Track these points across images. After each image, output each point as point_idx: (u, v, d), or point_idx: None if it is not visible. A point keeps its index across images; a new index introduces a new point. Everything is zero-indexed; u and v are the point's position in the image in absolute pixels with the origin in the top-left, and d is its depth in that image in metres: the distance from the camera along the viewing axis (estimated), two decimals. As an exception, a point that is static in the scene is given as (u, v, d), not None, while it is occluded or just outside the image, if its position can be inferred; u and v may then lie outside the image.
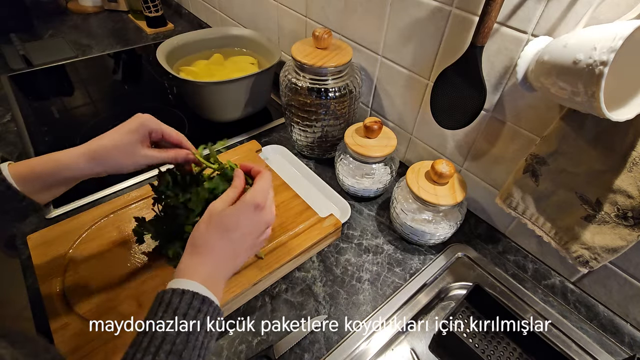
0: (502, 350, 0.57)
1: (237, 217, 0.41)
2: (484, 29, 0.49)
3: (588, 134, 0.46)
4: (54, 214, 0.69)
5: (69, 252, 0.60)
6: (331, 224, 0.65)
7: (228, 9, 1.19)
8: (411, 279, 0.63)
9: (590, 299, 0.60)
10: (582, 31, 0.39)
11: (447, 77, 0.57)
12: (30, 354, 0.31)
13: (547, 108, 0.52)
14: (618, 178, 0.45)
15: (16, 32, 1.25)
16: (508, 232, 0.68)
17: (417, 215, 0.64)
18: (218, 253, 0.40)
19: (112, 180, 0.77)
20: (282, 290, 0.61)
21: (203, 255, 0.40)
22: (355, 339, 0.55)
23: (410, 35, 0.65)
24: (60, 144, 0.86)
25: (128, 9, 1.48)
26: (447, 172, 0.59)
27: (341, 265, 0.65)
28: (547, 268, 0.63)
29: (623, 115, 0.38)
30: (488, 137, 0.62)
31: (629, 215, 0.46)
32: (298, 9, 0.87)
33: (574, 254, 0.53)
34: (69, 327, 0.51)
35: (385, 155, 0.69)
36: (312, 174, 0.80)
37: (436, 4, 0.58)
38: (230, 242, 0.41)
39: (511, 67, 0.54)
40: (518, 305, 0.61)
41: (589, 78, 0.36)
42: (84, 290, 0.55)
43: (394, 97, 0.76)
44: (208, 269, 0.39)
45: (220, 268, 0.41)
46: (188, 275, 0.38)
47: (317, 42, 0.71)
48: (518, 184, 0.55)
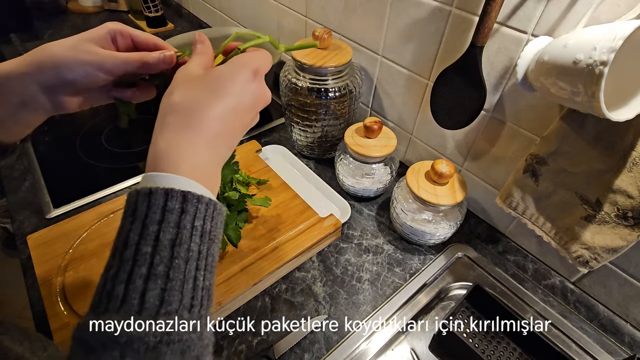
0: (502, 350, 0.57)
1: (233, 79, 0.32)
2: (484, 29, 0.49)
3: (588, 134, 0.46)
4: (54, 214, 0.69)
5: (69, 252, 0.60)
6: (331, 224, 0.65)
7: (228, 9, 1.19)
8: (411, 279, 0.63)
9: (590, 299, 0.60)
10: (582, 31, 0.39)
11: (447, 77, 0.57)
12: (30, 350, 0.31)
13: (547, 108, 0.52)
14: (618, 178, 0.45)
15: (16, 32, 1.25)
16: (508, 232, 0.68)
17: (417, 215, 0.64)
18: (212, 125, 0.30)
19: (112, 181, 0.77)
20: (282, 290, 0.61)
21: (191, 128, 0.29)
22: (355, 339, 0.55)
23: (410, 35, 0.65)
24: (60, 143, 0.87)
25: (128, 9, 1.48)
26: (447, 172, 0.59)
27: (341, 265, 0.65)
28: (547, 268, 0.63)
29: (623, 115, 0.38)
30: (488, 137, 0.62)
31: (629, 215, 0.46)
32: (298, 9, 0.87)
33: (574, 254, 0.53)
34: (69, 327, 0.51)
35: (385, 155, 0.69)
36: (312, 174, 0.80)
37: (436, 4, 0.58)
38: (228, 112, 0.31)
39: (511, 67, 0.54)
40: (518, 305, 0.61)
41: (589, 78, 0.36)
42: (84, 290, 0.55)
43: (394, 97, 0.76)
44: (200, 150, 0.30)
45: (216, 147, 0.31)
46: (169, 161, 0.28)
47: (317, 42, 0.71)
48: (518, 184, 0.55)
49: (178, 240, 0.26)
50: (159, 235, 0.26)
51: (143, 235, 0.26)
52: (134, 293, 0.25)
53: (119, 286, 0.25)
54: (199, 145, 0.29)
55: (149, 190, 0.27)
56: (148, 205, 0.26)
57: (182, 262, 0.26)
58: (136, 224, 0.26)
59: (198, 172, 0.29)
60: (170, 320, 0.25)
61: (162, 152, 0.29)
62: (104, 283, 0.26)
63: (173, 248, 0.26)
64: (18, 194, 0.73)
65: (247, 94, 0.33)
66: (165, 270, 0.26)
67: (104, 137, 0.89)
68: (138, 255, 0.25)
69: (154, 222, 0.26)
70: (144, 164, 0.90)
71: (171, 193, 0.27)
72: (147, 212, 0.26)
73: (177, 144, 0.29)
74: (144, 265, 0.25)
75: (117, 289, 0.25)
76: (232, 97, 0.31)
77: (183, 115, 0.30)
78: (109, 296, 0.25)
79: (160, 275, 0.25)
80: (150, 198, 0.27)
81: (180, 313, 0.25)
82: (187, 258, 0.27)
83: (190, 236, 0.27)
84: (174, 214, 0.27)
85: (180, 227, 0.27)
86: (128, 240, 0.26)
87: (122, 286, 0.25)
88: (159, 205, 0.26)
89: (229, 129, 0.31)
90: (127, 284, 0.25)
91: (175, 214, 0.27)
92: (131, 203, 0.27)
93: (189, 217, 0.27)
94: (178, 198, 0.27)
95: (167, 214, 0.26)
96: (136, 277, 0.25)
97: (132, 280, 0.25)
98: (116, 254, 0.26)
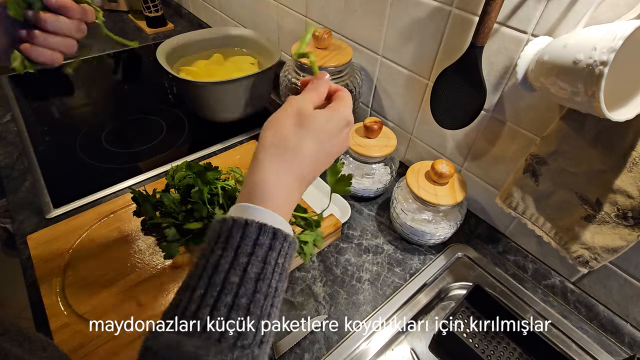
0: (502, 350, 0.57)
1: (333, 126, 0.34)
2: (484, 29, 0.49)
3: (588, 134, 0.46)
4: (54, 214, 0.69)
5: (69, 252, 0.60)
6: (331, 224, 0.65)
7: (228, 9, 1.19)
8: (411, 279, 0.63)
9: (590, 299, 0.60)
10: (582, 31, 0.39)
11: (447, 77, 0.57)
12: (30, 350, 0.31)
13: (547, 108, 0.52)
14: (618, 178, 0.45)
15: (16, 32, 1.25)
16: (508, 232, 0.68)
17: (417, 215, 0.64)
18: (306, 166, 0.32)
19: (112, 181, 0.77)
20: (282, 290, 0.61)
21: (289, 164, 0.31)
22: (355, 339, 0.55)
23: (410, 35, 0.65)
24: (60, 144, 0.87)
25: (128, 9, 1.48)
26: (447, 172, 0.59)
27: (341, 265, 0.65)
28: (547, 268, 0.63)
29: (623, 115, 0.38)
30: (488, 137, 0.62)
31: (629, 215, 0.46)
32: (298, 9, 0.87)
33: (574, 254, 0.53)
34: (69, 327, 0.51)
35: (385, 155, 0.69)
36: (312, 174, 0.80)
37: (436, 4, 0.58)
38: (321, 152, 0.33)
39: (511, 67, 0.54)
40: (518, 305, 0.61)
41: (589, 78, 0.36)
42: (84, 290, 0.55)
43: (394, 97, 0.75)
44: (293, 187, 0.32)
45: (301, 186, 0.33)
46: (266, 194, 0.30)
47: (317, 42, 0.71)
48: (518, 184, 0.55)
49: (262, 275, 0.28)
50: (247, 267, 0.27)
51: (233, 265, 0.27)
52: (217, 320, 0.25)
53: (204, 309, 0.26)
54: (289, 180, 0.32)
55: (244, 222, 0.28)
56: (242, 236, 0.28)
57: (262, 297, 0.27)
58: (228, 252, 0.27)
59: (285, 209, 0.31)
60: (244, 355, 0.26)
61: (261, 184, 0.31)
62: (188, 300, 0.26)
63: (257, 282, 0.27)
64: (18, 194, 0.73)
65: (339, 138, 0.35)
66: (247, 303, 0.26)
67: (104, 137, 0.89)
68: (226, 283, 0.26)
69: (245, 254, 0.27)
70: (144, 164, 0.90)
71: (264, 228, 0.28)
72: (240, 242, 0.27)
73: (276, 178, 0.31)
74: (230, 294, 0.26)
75: (202, 311, 0.26)
76: (328, 142, 0.34)
77: (283, 148, 0.32)
78: (194, 317, 0.26)
79: (242, 307, 0.26)
80: (245, 229, 0.28)
81: (252, 349, 0.26)
82: (266, 294, 0.28)
83: (273, 272, 0.28)
84: (263, 248, 0.28)
85: (266, 263, 0.28)
86: (219, 266, 0.27)
87: (207, 310, 0.26)
88: (252, 238, 0.28)
89: (316, 171, 0.34)
90: (212, 309, 0.26)
91: (264, 249, 0.28)
92: (225, 230, 0.28)
93: (275, 254, 0.28)
94: (269, 234, 0.28)
95: (257, 248, 0.28)
96: (221, 305, 0.26)
97: (217, 307, 0.26)
98: (204, 275, 0.27)
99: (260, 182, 0.31)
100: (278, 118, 0.33)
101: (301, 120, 0.33)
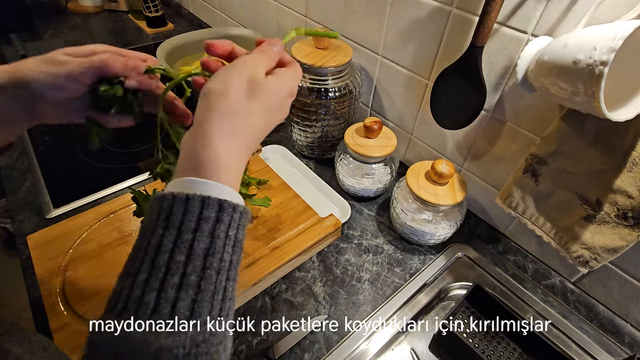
0: (502, 350, 0.57)
1: (281, 97, 0.34)
2: (484, 29, 0.49)
3: (588, 134, 0.46)
4: (54, 214, 0.69)
5: (69, 252, 0.60)
6: (331, 224, 0.65)
7: (228, 9, 1.19)
8: (411, 279, 0.63)
9: (590, 299, 0.60)
10: (582, 31, 0.39)
11: (447, 77, 0.57)
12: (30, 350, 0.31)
13: (547, 108, 0.52)
14: (618, 178, 0.45)
15: (16, 32, 1.25)
16: (508, 232, 0.68)
17: (417, 215, 0.64)
18: (253, 132, 0.32)
19: (112, 181, 0.77)
20: (282, 290, 0.61)
21: (239, 135, 0.30)
22: (355, 339, 0.55)
23: (410, 35, 0.65)
24: (60, 144, 0.87)
25: (128, 9, 1.48)
26: (447, 172, 0.59)
27: (341, 265, 0.65)
28: (547, 268, 0.63)
29: (623, 115, 0.38)
30: (488, 137, 0.62)
31: (629, 215, 0.46)
32: (298, 9, 0.87)
33: (574, 254, 0.53)
34: (69, 327, 0.51)
35: (385, 155, 0.69)
36: (312, 174, 0.80)
37: (436, 4, 0.58)
38: (268, 123, 0.33)
39: (511, 67, 0.54)
40: (518, 305, 0.61)
41: (589, 78, 0.36)
42: (84, 290, 0.55)
43: (394, 97, 0.75)
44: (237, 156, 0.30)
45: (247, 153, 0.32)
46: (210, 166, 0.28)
47: (317, 42, 0.71)
48: (518, 184, 0.55)
49: (211, 250, 0.26)
50: (193, 244, 0.26)
51: (177, 243, 0.26)
52: (165, 302, 0.24)
53: (150, 293, 0.24)
54: (238, 151, 0.30)
55: (185, 197, 0.26)
56: (184, 212, 0.26)
57: (214, 272, 0.26)
58: (171, 231, 0.26)
59: (234, 178, 0.30)
60: (200, 332, 0.24)
61: (206, 156, 0.28)
62: (130, 287, 0.25)
63: (206, 258, 0.26)
64: (18, 194, 0.73)
65: (283, 107, 0.34)
66: (197, 280, 0.25)
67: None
68: (171, 263, 0.25)
69: (189, 230, 0.26)
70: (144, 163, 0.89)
71: (207, 201, 0.26)
72: (183, 219, 0.26)
73: (225, 151, 0.29)
74: (177, 274, 0.25)
75: (148, 296, 0.24)
76: (277, 111, 0.33)
77: (234, 118, 0.30)
78: (139, 302, 0.24)
79: (192, 285, 0.25)
80: (187, 205, 0.26)
81: (208, 325, 0.25)
82: (218, 268, 0.26)
83: (224, 246, 0.27)
84: (209, 222, 0.26)
85: (214, 237, 0.27)
86: (161, 247, 0.25)
87: (153, 294, 0.24)
88: (195, 213, 0.26)
89: (259, 140, 0.33)
90: (159, 292, 0.24)
91: (211, 222, 0.26)
92: (165, 207, 0.26)
93: (223, 227, 0.27)
94: (214, 207, 0.27)
95: (202, 222, 0.26)
96: (168, 286, 0.24)
97: (164, 289, 0.24)
98: (145, 258, 0.25)
99: (211, 158, 0.28)
100: (230, 84, 0.30)
101: (254, 88, 0.31)
